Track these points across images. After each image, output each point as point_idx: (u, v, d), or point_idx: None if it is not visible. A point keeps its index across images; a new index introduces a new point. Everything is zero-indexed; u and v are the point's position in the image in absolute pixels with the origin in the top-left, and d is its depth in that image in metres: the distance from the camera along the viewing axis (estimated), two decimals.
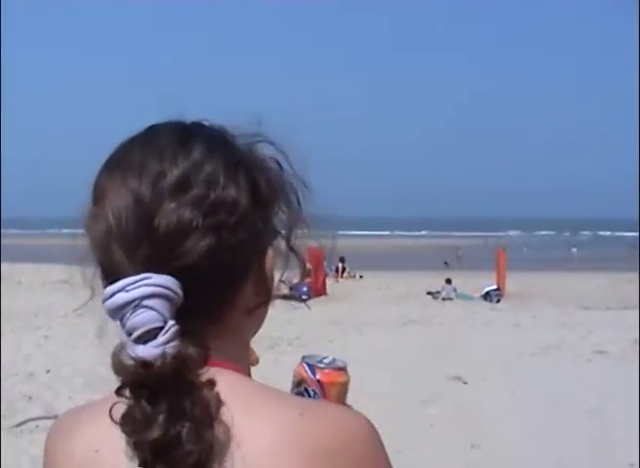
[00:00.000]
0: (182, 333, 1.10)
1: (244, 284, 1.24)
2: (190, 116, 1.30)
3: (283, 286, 1.34)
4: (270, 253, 1.29)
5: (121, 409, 1.10)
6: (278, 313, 1.37)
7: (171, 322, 1.10)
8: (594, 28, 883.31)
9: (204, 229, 1.15)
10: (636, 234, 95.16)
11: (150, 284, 1.10)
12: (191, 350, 1.09)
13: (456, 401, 11.48)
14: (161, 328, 1.09)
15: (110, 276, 1.14)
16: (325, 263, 31.23)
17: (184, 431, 1.06)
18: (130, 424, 1.08)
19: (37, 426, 9.84)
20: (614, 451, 9.11)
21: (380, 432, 1.19)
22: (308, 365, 1.56)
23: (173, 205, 1.15)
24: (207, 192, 1.17)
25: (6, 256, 40.94)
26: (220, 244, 1.17)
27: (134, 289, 1.10)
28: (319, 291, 28.16)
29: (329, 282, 30.51)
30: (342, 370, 1.58)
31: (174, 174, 1.17)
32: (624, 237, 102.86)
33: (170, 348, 1.08)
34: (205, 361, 1.11)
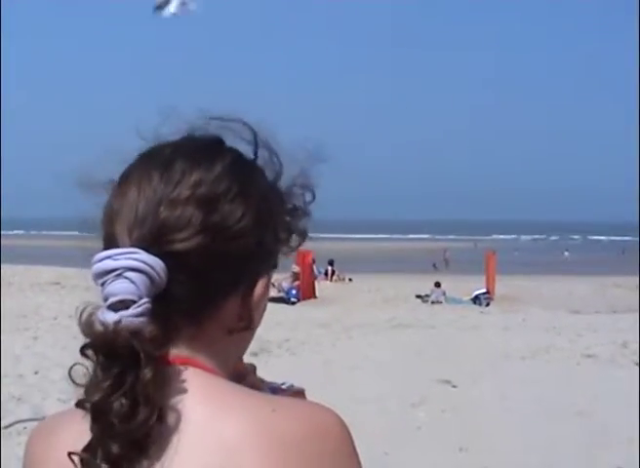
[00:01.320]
0: (153, 314, 1.16)
1: (227, 299, 1.29)
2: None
3: (273, 289, 1.37)
4: (262, 283, 1.34)
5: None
6: (267, 316, 1.39)
7: (145, 299, 1.16)
8: (593, 28, 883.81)
9: (201, 227, 1.22)
10: (626, 238, 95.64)
11: (136, 258, 1.17)
12: (151, 328, 1.15)
13: (444, 404, 11.49)
14: (134, 301, 1.15)
15: (107, 246, 1.22)
16: (314, 266, 31.31)
17: (116, 404, 1.11)
18: (85, 386, 1.15)
19: (25, 428, 9.81)
20: (602, 454, 9.12)
21: (369, 434, 1.22)
22: (270, 388, 1.58)
23: (181, 200, 1.24)
24: (215, 198, 1.26)
25: None
26: (213, 247, 1.23)
27: (120, 259, 1.18)
28: (308, 293, 28.17)
29: (318, 285, 30.50)
30: (302, 393, 1.61)
31: (192, 176, 1.26)
32: (614, 241, 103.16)
33: (132, 321, 1.14)
34: (163, 344, 1.16)
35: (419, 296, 28.69)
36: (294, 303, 26.32)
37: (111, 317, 1.13)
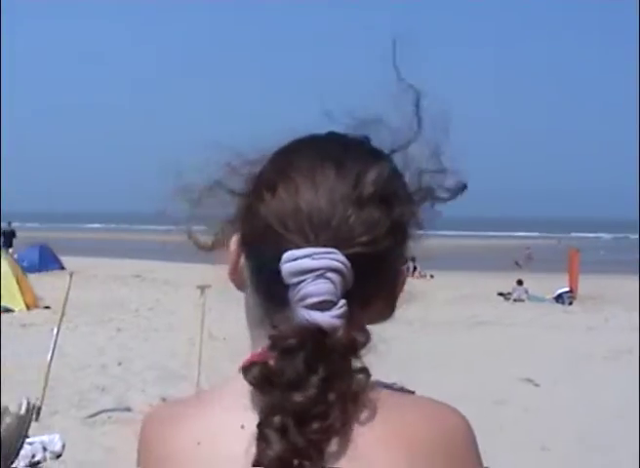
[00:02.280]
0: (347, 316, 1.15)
1: (382, 295, 1.28)
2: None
3: None
4: (403, 277, 1.34)
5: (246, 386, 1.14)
6: None
7: (343, 300, 1.14)
8: (594, 27, 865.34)
9: (387, 229, 1.21)
10: None
11: (336, 259, 1.15)
12: (358, 333, 1.15)
13: (526, 403, 11.41)
14: (333, 302, 1.14)
15: (282, 245, 1.18)
16: None
17: (336, 404, 1.11)
18: (273, 381, 1.12)
19: (110, 417, 10.00)
20: None
21: None
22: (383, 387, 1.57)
23: (365, 201, 1.21)
24: (393, 199, 1.24)
25: (81, 251, 41.76)
26: (393, 248, 1.24)
27: (320, 258, 1.15)
28: None
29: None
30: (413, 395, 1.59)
31: (370, 177, 1.23)
32: None
33: (338, 322, 1.13)
34: (364, 346, 1.17)
35: (501, 294, 28.50)
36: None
37: (321, 317, 1.12)
